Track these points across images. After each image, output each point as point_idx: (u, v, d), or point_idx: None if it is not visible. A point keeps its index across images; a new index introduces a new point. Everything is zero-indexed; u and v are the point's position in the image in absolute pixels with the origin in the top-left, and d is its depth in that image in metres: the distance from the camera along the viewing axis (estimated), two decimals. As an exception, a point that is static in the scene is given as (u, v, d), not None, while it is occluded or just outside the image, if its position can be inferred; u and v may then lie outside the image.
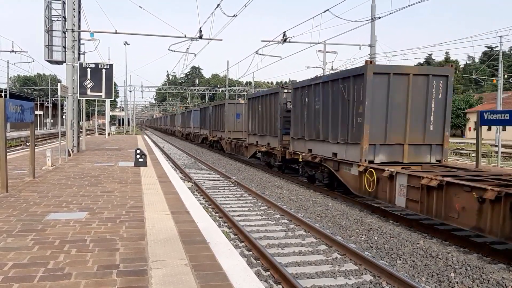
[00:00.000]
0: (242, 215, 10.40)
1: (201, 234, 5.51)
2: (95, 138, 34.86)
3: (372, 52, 23.79)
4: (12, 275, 3.99)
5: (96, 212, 6.69)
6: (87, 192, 8.53)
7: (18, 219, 6.20)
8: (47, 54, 17.50)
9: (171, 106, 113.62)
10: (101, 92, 17.62)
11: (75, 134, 17.92)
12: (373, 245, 8.00)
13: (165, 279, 3.92)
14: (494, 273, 6.52)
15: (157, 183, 9.88)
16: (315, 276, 6.41)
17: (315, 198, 12.49)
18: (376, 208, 10.89)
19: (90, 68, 17.34)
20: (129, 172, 11.71)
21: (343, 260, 7.13)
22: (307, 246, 7.91)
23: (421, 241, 8.14)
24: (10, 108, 8.39)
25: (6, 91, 53.78)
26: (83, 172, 11.60)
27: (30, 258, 4.49)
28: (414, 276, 6.51)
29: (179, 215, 6.57)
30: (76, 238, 5.25)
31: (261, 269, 6.60)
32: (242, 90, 71.39)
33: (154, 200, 7.77)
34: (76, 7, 17.48)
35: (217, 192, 13.89)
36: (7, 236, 5.30)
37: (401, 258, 7.27)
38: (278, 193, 13.60)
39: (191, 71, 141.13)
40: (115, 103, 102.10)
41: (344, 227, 9.32)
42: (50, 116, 76.63)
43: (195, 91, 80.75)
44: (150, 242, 5.08)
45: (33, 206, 7.08)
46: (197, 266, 4.29)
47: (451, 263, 6.92)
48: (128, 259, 4.48)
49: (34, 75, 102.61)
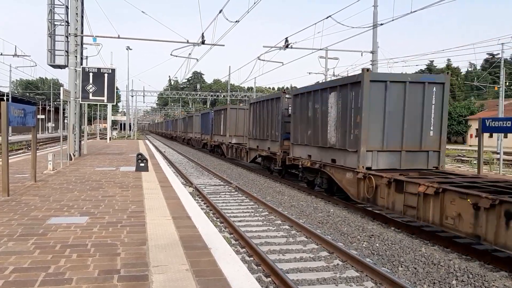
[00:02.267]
0: (243, 221, 10.37)
1: (202, 239, 5.49)
2: (97, 143, 34.89)
3: (374, 58, 23.82)
4: (13, 279, 3.98)
5: (97, 217, 6.68)
6: (88, 196, 8.53)
7: (19, 223, 6.19)
8: (50, 58, 17.55)
9: (173, 111, 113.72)
10: (103, 97, 17.65)
11: (77, 138, 17.94)
12: (375, 252, 7.97)
13: (166, 285, 3.91)
14: (496, 281, 6.49)
15: (158, 188, 9.88)
16: (316, 282, 6.38)
17: (317, 204, 12.46)
18: (378, 215, 10.86)
19: (93, 72, 17.38)
20: (130, 177, 11.71)
21: (345, 266, 7.10)
22: (308, 252, 7.88)
23: (423, 248, 8.11)
24: (12, 112, 8.41)
25: (8, 95, 53.96)
26: (84, 177, 11.60)
27: (31, 262, 4.48)
28: (416, 284, 6.48)
29: (180, 220, 6.56)
30: (77, 243, 5.24)
31: (262, 275, 6.58)
32: (244, 96, 71.46)
33: (155, 205, 7.76)
34: (79, 12, 17.57)
35: (218, 197, 13.87)
36: (8, 240, 5.30)
37: (403, 265, 7.24)
38: (279, 198, 13.58)
39: (193, 76, 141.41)
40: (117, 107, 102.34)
41: (345, 233, 9.30)
42: (52, 120, 76.78)
43: (197, 96, 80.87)
44: (151, 247, 5.07)
45: (34, 210, 7.07)
46: (198, 272, 4.27)
47: (453, 271, 6.88)
48: (129, 264, 4.47)
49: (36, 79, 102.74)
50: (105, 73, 17.56)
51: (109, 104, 28.70)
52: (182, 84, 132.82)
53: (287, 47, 21.80)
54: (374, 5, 22.93)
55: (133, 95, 65.60)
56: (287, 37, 21.59)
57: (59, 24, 17.57)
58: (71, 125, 17.37)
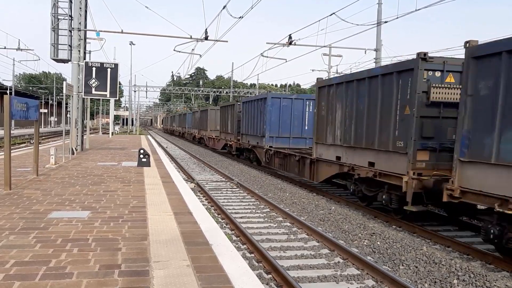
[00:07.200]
0: (245, 217, 10.37)
1: (203, 235, 5.49)
2: (99, 137, 34.94)
3: (377, 56, 23.74)
4: (13, 273, 3.98)
5: (99, 211, 6.68)
6: (90, 191, 8.53)
7: (20, 216, 6.20)
8: (53, 52, 17.54)
9: (175, 106, 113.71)
10: (106, 92, 17.65)
11: (79, 132, 17.96)
12: (376, 250, 7.95)
13: (167, 280, 3.91)
14: (498, 280, 6.47)
15: (160, 183, 9.88)
16: (317, 280, 6.37)
17: (318, 202, 12.45)
18: (379, 213, 10.84)
19: (96, 67, 17.38)
20: (132, 172, 11.71)
21: (345, 264, 7.09)
22: (309, 249, 7.88)
23: (424, 247, 8.09)
24: (15, 105, 8.40)
25: (11, 88, 54.03)
26: (86, 171, 11.61)
27: (32, 256, 4.48)
28: (417, 282, 6.46)
29: (182, 216, 6.56)
30: (78, 237, 5.24)
31: (263, 272, 6.57)
32: (246, 92, 71.38)
33: (157, 200, 7.76)
34: (83, 6, 17.54)
35: (220, 193, 13.87)
36: (9, 233, 5.30)
37: (404, 263, 7.23)
38: (281, 195, 13.57)
39: (196, 72, 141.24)
40: (119, 102, 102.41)
41: (346, 231, 9.28)
42: (54, 114, 76.90)
43: (200, 92, 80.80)
44: (152, 243, 5.07)
45: (36, 204, 7.08)
46: (199, 268, 4.27)
47: (454, 270, 6.87)
48: (130, 259, 4.47)
49: (39, 73, 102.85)
50: (108, 68, 17.55)
51: (111, 99, 28.68)
52: (184, 80, 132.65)
53: (290, 44, 21.73)
54: (378, 2, 22.85)
55: (135, 90, 65.63)
56: (291, 34, 21.53)
57: (63, 18, 17.56)
58: (73, 120, 17.38)
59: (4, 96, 7.97)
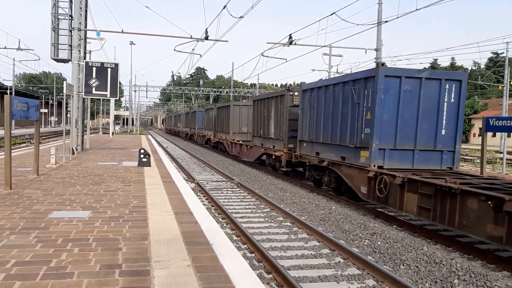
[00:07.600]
0: (245, 217, 10.37)
1: (204, 235, 5.49)
2: (99, 137, 34.94)
3: (378, 56, 23.73)
4: (14, 272, 3.98)
5: (99, 211, 6.68)
6: (90, 191, 8.53)
7: (21, 216, 6.20)
8: (53, 52, 17.55)
9: (176, 106, 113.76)
10: (106, 91, 17.65)
11: (80, 132, 17.96)
12: (376, 250, 7.95)
13: (168, 280, 3.90)
14: (498, 280, 6.46)
15: (160, 183, 9.87)
16: (317, 280, 6.37)
17: (319, 201, 12.45)
18: (380, 213, 10.84)
19: (96, 67, 17.38)
20: (132, 172, 11.71)
21: (346, 264, 7.09)
22: (310, 249, 7.87)
23: (425, 246, 8.09)
24: (15, 105, 8.40)
25: (11, 88, 54.03)
26: (87, 171, 11.61)
27: (32, 256, 4.48)
28: (418, 282, 6.46)
29: (182, 215, 6.55)
30: (79, 237, 5.23)
31: (264, 272, 6.57)
32: (247, 92, 71.38)
33: (157, 200, 7.76)
34: (83, 6, 17.54)
35: (220, 193, 13.87)
36: (10, 233, 5.30)
37: (405, 263, 7.22)
38: (281, 195, 13.57)
39: (196, 72, 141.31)
40: (119, 102, 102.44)
41: (347, 231, 9.28)
42: (55, 114, 76.91)
43: (200, 92, 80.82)
44: (153, 242, 5.06)
45: (37, 204, 7.08)
46: (200, 268, 4.27)
47: (455, 270, 6.86)
48: (131, 259, 4.46)
49: (39, 73, 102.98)
50: (108, 67, 17.55)
51: (112, 98, 28.69)
52: (185, 80, 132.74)
53: (291, 43, 21.73)
54: (378, 2, 22.84)
55: (136, 90, 65.62)
56: (291, 34, 21.53)
57: (63, 18, 17.56)
58: (74, 120, 17.38)
59: (5, 96, 7.98)
